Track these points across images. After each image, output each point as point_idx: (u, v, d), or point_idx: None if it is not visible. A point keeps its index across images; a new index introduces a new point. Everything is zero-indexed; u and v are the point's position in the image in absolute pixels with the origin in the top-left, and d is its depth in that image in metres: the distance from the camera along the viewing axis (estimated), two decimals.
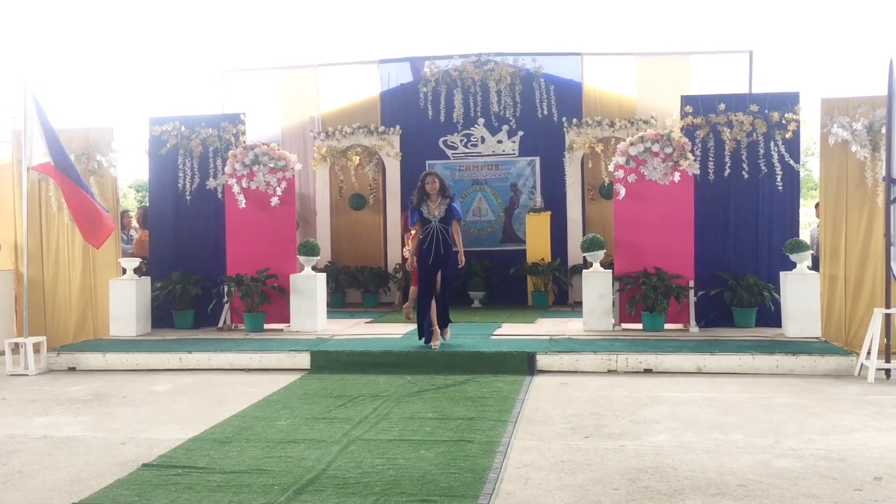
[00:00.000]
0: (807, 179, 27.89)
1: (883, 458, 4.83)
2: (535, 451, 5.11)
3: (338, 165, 13.28)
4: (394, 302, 12.68)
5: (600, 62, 13.07)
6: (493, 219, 13.02)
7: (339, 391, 6.96)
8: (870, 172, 8.59)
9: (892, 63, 7.39)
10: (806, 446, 5.12)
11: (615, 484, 4.44)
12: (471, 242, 12.49)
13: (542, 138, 12.77)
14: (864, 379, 7.18)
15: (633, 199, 9.32)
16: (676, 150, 9.20)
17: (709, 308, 9.33)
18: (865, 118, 8.58)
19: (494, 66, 12.79)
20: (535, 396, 6.71)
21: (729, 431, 5.51)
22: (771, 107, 9.29)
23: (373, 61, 13.46)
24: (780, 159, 9.24)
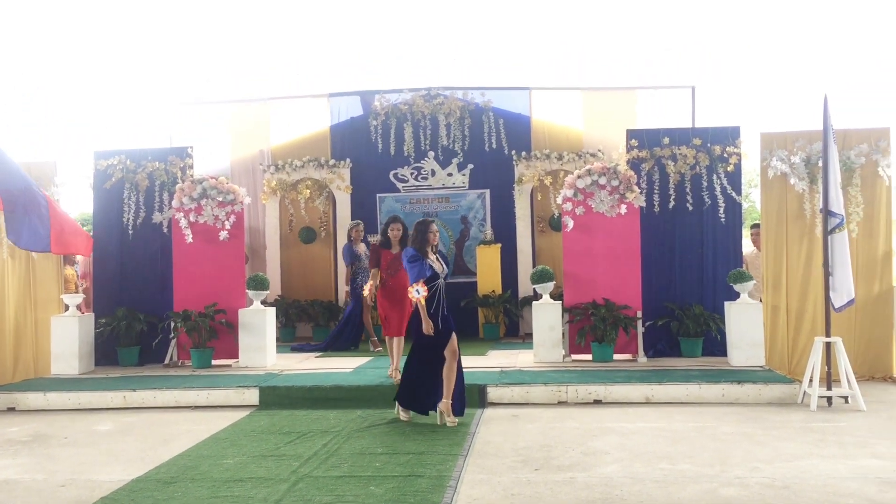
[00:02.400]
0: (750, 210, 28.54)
1: (826, 486, 4.92)
2: (486, 484, 5.09)
3: (288, 199, 13.21)
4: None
5: (548, 96, 13.27)
6: (444, 251, 13.04)
7: (289, 427, 6.86)
8: (808, 204, 8.85)
9: (827, 99, 7.66)
10: (751, 474, 5.19)
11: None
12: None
13: (492, 171, 12.88)
14: (806, 406, 7.33)
15: (582, 232, 9.44)
16: (623, 182, 9.36)
17: (656, 338, 9.45)
18: (803, 152, 8.86)
19: (444, 99, 12.91)
20: (485, 429, 6.70)
21: (677, 461, 5.56)
22: (713, 140, 9.53)
23: (323, 95, 13.48)
24: (722, 192, 9.46)
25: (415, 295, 6.90)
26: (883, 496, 4.68)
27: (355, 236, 11.20)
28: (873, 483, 4.95)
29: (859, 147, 8.80)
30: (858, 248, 8.72)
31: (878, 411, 7.14)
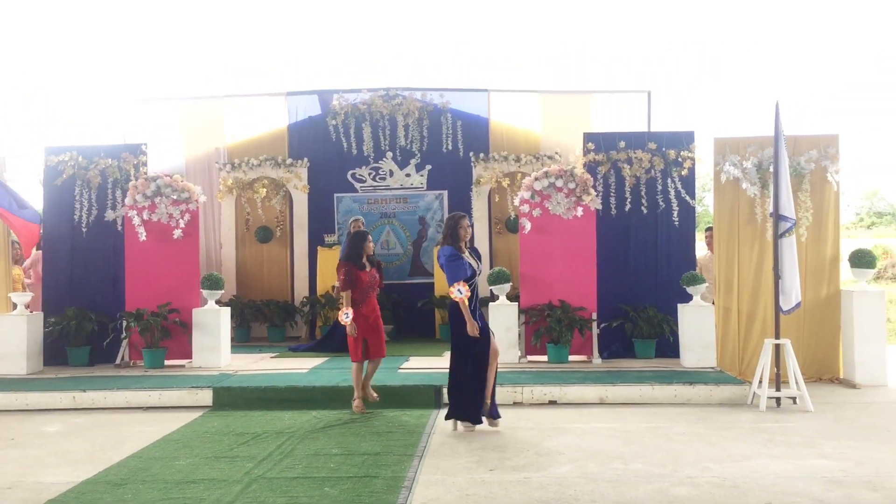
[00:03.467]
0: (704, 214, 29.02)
1: (774, 485, 5.02)
2: (441, 485, 5.10)
3: (244, 198, 13.07)
4: (300, 336, 12.51)
5: (506, 99, 13.32)
6: (402, 252, 13.04)
7: (243, 428, 6.79)
8: (759, 209, 9.02)
9: (778, 106, 7.82)
10: (702, 474, 5.28)
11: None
12: None
13: (450, 172, 12.90)
14: (756, 407, 7.47)
15: (538, 233, 9.51)
16: (579, 185, 9.45)
17: (611, 340, 9.55)
18: (755, 157, 9.02)
19: (403, 100, 12.89)
20: (441, 430, 6.71)
21: (629, 461, 5.63)
22: (668, 145, 9.67)
23: (280, 94, 13.36)
24: (676, 195, 9.60)
25: (457, 295, 6.52)
26: (828, 495, 4.79)
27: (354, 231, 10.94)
28: (819, 482, 5.06)
29: (809, 153, 9.00)
30: (807, 252, 8.91)
31: (825, 412, 7.31)
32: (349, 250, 7.63)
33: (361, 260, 7.54)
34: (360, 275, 7.48)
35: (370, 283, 7.56)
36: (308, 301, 12.40)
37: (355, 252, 7.57)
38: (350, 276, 7.43)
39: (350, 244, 7.70)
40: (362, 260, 7.55)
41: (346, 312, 7.36)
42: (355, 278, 7.44)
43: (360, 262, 7.53)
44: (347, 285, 7.42)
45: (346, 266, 7.48)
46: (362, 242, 7.60)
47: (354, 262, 7.52)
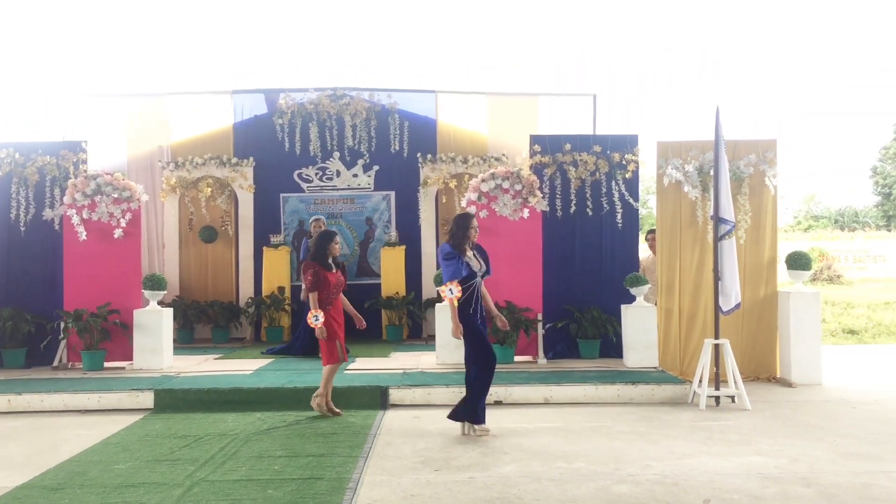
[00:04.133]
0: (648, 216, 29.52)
1: (712, 482, 5.13)
2: (386, 486, 5.10)
3: (188, 197, 12.86)
4: (245, 337, 12.36)
5: (454, 100, 13.35)
6: (349, 253, 12.97)
7: (185, 431, 6.69)
8: (700, 211, 9.20)
9: (718, 111, 8.00)
10: (643, 472, 5.37)
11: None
12: None
13: (398, 173, 12.88)
14: (696, 406, 7.62)
15: (485, 235, 9.47)
16: (526, 187, 9.52)
17: (556, 340, 9.65)
18: (696, 161, 9.21)
19: (350, 100, 12.83)
20: (387, 431, 6.70)
21: (573, 460, 5.70)
22: (613, 148, 9.81)
23: (226, 92, 13.18)
24: (620, 198, 9.75)
25: (447, 295, 6.37)
26: (764, 491, 4.92)
27: (315, 232, 10.52)
28: (756, 479, 5.19)
29: (748, 157, 9.21)
30: (746, 254, 9.12)
31: (763, 410, 7.49)
32: (315, 250, 7.40)
33: (327, 260, 7.34)
34: (327, 276, 7.28)
35: (338, 284, 7.39)
36: (253, 302, 12.27)
37: (321, 252, 7.36)
38: (318, 278, 7.21)
39: (316, 244, 7.47)
40: (328, 260, 7.35)
41: (316, 315, 7.13)
42: (323, 279, 7.24)
43: (327, 262, 7.33)
44: (315, 287, 7.20)
45: (314, 267, 7.25)
46: (328, 243, 7.38)
47: (321, 262, 7.30)
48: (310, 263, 7.32)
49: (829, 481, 5.12)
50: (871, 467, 5.43)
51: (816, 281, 24.25)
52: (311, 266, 7.28)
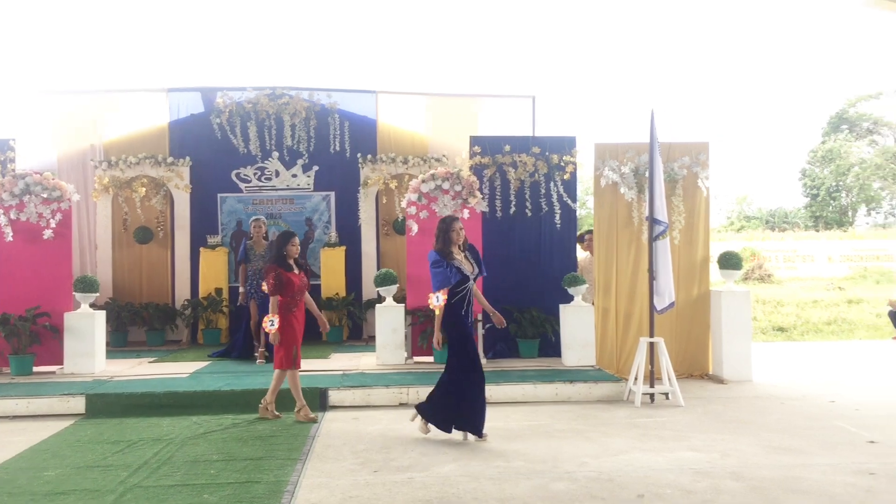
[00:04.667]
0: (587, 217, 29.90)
1: (646, 477, 5.24)
2: (324, 488, 5.07)
3: (122, 197, 12.57)
4: (181, 340, 12.14)
5: (394, 100, 13.34)
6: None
7: (117, 436, 6.54)
8: (636, 212, 9.38)
9: (653, 114, 8.16)
10: (580, 469, 5.45)
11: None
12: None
13: (338, 173, 12.82)
14: (632, 403, 7.76)
15: (425, 235, 9.55)
16: (465, 188, 9.57)
17: (496, 340, 9.72)
18: (632, 162, 9.38)
19: (289, 99, 12.72)
20: (326, 433, 6.67)
21: (511, 459, 5.75)
22: (551, 149, 9.94)
23: (161, 90, 12.93)
24: (559, 199, 9.88)
25: (433, 303, 6.24)
26: (696, 485, 5.04)
27: (255, 234, 10.17)
28: (688, 473, 5.31)
29: (682, 160, 9.43)
30: (680, 255, 9.33)
31: (695, 406, 7.67)
32: (274, 252, 7.21)
33: (287, 262, 7.14)
34: (290, 278, 7.07)
35: (301, 286, 7.20)
36: (190, 304, 12.06)
37: (280, 254, 7.14)
38: (279, 280, 7.01)
39: (275, 246, 7.27)
40: (288, 261, 7.16)
41: (272, 319, 6.96)
42: (285, 282, 7.04)
43: (287, 263, 7.13)
44: (276, 290, 7.01)
45: (275, 270, 7.03)
46: (286, 244, 7.15)
47: (281, 264, 7.09)
48: (271, 266, 7.11)
49: (758, 475, 5.26)
50: (798, 461, 5.61)
51: (748, 280, 24.90)
52: (272, 269, 7.07)
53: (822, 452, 5.86)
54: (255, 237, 10.16)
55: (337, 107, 12.83)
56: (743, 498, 4.77)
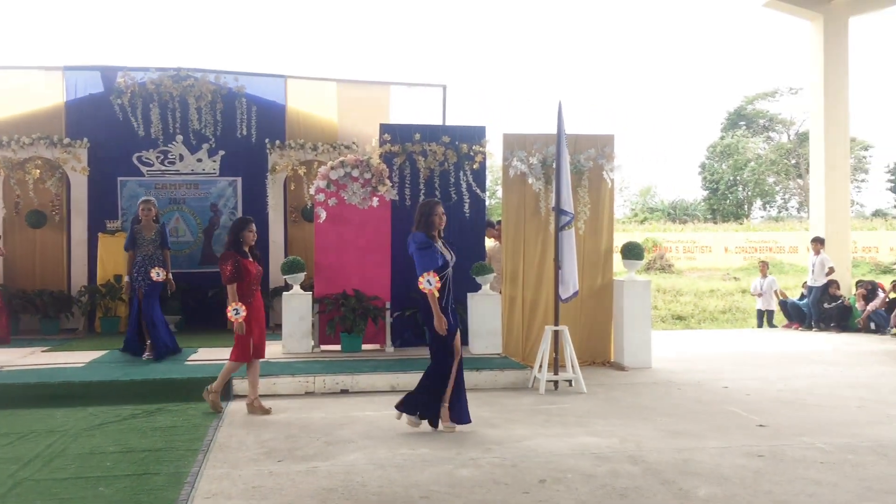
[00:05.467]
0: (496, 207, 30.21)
1: (549, 463, 5.35)
2: (226, 479, 4.98)
3: (13, 179, 11.97)
4: (77, 328, 11.68)
5: (304, 86, 13.15)
6: (192, 240, 12.53)
7: (7, 428, 6.25)
8: (543, 203, 9.53)
9: (561, 105, 8.29)
10: (484, 456, 5.52)
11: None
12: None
13: (245, 158, 12.55)
14: (536, 390, 7.91)
15: (334, 223, 9.50)
16: (375, 175, 9.53)
17: (404, 328, 9.73)
18: (540, 153, 9.51)
19: (195, 81, 12.36)
20: (229, 423, 6.55)
21: (417, 446, 5.77)
22: (461, 139, 9.98)
23: (57, 68, 12.35)
24: (468, 188, 9.94)
25: (426, 286, 6.07)
26: (596, 470, 5.17)
27: (144, 217, 9.17)
28: (589, 458, 5.45)
29: (588, 151, 9.62)
30: (585, 245, 9.53)
31: (597, 393, 7.87)
32: (231, 238, 6.91)
33: (243, 248, 6.86)
34: (246, 266, 6.81)
35: (257, 275, 6.96)
36: (86, 291, 11.60)
37: (237, 240, 6.85)
38: (237, 268, 6.74)
39: (231, 232, 6.96)
40: (244, 248, 6.87)
41: (236, 308, 6.67)
42: (243, 270, 6.77)
43: (244, 250, 6.86)
44: (235, 278, 6.73)
45: (232, 257, 6.76)
46: (242, 230, 6.88)
47: (238, 251, 6.82)
48: (228, 253, 6.83)
49: (655, 458, 5.44)
50: (692, 444, 5.83)
51: (650, 270, 25.67)
52: (229, 256, 6.79)
53: (715, 436, 6.10)
54: (145, 220, 9.15)
55: (244, 91, 12.56)
56: (640, 481, 4.92)
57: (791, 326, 14.47)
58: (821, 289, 13.99)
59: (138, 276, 8.97)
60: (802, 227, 31.78)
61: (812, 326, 14.00)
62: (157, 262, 9.00)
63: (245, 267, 6.81)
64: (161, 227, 9.21)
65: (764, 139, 51.01)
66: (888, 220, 40.13)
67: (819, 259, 14.10)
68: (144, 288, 8.94)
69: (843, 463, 5.32)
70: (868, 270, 24.36)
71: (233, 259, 6.78)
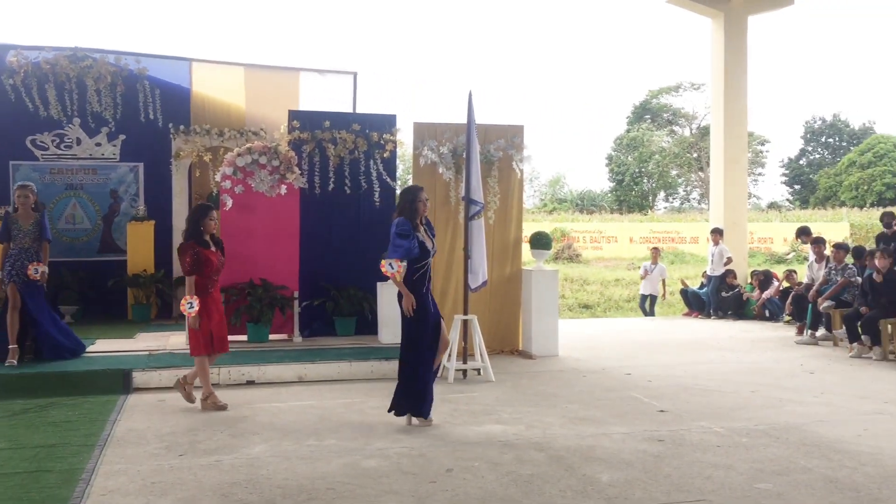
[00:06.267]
0: None
1: (456, 451, 5.37)
2: (124, 474, 4.81)
3: None
4: None
5: (210, 70, 12.82)
6: (90, 227, 12.06)
7: None
8: (453, 192, 9.54)
9: (471, 95, 8.31)
10: (392, 446, 5.50)
11: (207, 502, 4.35)
12: (63, 252, 11.44)
13: (147, 144, 12.13)
14: (445, 379, 7.93)
15: (241, 211, 9.29)
16: (283, 163, 9.36)
17: (313, 318, 9.62)
18: (451, 143, 9.51)
19: (93, 62, 11.85)
20: (128, 416, 6.34)
21: (324, 437, 5.71)
22: (372, 127, 9.90)
23: None
24: (378, 177, 9.87)
25: (387, 270, 5.83)
26: (502, 457, 5.22)
27: (21, 204, 8.07)
28: (496, 446, 5.50)
29: (498, 142, 9.67)
30: (494, 234, 9.59)
31: (505, 381, 7.96)
32: (190, 227, 6.56)
33: (204, 238, 6.55)
34: (208, 256, 6.50)
35: (219, 266, 6.66)
36: None
37: (196, 229, 6.52)
38: (197, 259, 6.43)
39: (189, 220, 6.61)
40: (205, 238, 6.56)
41: (191, 301, 6.35)
42: (203, 260, 6.47)
43: (204, 240, 6.54)
44: (194, 270, 6.43)
45: (192, 248, 6.43)
46: (202, 218, 6.53)
47: (198, 241, 6.50)
48: (188, 244, 6.49)
49: (560, 445, 5.54)
50: (595, 430, 5.95)
51: (558, 260, 26.13)
52: (189, 247, 6.47)
53: (617, 422, 6.26)
54: (22, 209, 8.05)
55: (147, 73, 12.13)
56: (545, 467, 5.00)
57: (691, 315, 14.96)
58: (719, 278, 14.50)
59: (12, 271, 7.87)
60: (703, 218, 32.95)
61: (711, 314, 14.51)
62: (34, 257, 7.94)
63: (206, 258, 6.50)
64: (41, 216, 8.17)
65: (668, 133, 52.59)
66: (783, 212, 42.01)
67: (718, 249, 14.61)
68: (19, 284, 7.86)
69: (737, 446, 5.53)
70: (763, 260, 25.43)
71: (191, 250, 6.46)
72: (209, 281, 6.58)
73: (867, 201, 43.86)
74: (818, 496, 4.46)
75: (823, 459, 5.18)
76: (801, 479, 4.78)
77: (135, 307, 11.55)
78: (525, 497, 4.44)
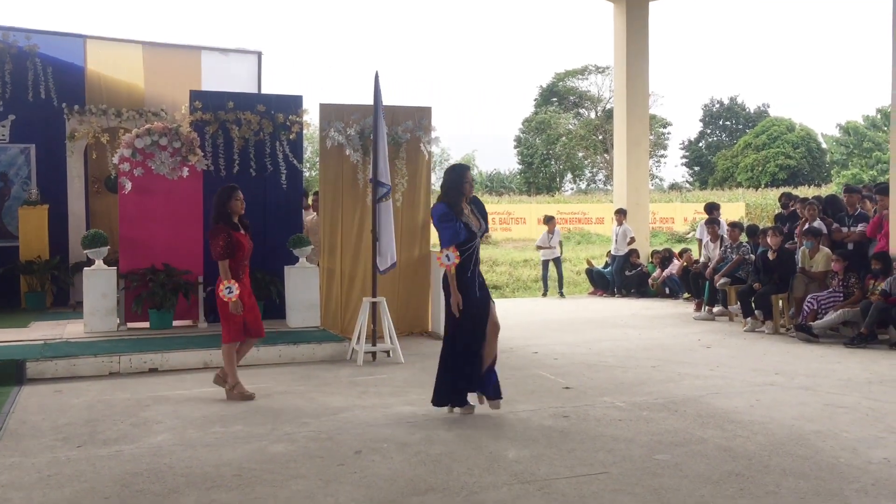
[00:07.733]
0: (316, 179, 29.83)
1: (364, 434, 5.37)
2: (18, 468, 4.63)
3: None
4: None
5: (106, 48, 12.34)
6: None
7: None
8: (361, 174, 9.48)
9: (378, 76, 8.26)
10: (299, 430, 5.46)
11: (107, 492, 4.23)
12: None
13: (39, 124, 11.58)
14: (354, 362, 7.93)
15: (140, 194, 9.01)
16: (185, 144, 9.11)
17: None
18: (358, 125, 9.43)
19: None
20: (22, 408, 6.09)
21: (230, 424, 5.63)
22: (277, 108, 9.73)
23: None
24: (284, 159, 9.72)
25: (444, 262, 5.61)
26: (411, 437, 5.26)
27: None
28: (405, 427, 5.53)
29: (406, 123, 9.64)
30: (402, 217, 9.59)
31: (414, 363, 7.99)
32: (217, 210, 6.28)
33: (233, 220, 6.29)
34: (239, 239, 6.26)
35: (249, 249, 6.41)
36: None
37: (224, 212, 6.25)
38: (229, 242, 6.16)
39: (216, 204, 6.32)
40: (234, 220, 6.30)
41: (229, 286, 6.04)
42: (236, 244, 6.21)
43: (234, 223, 6.29)
44: (227, 253, 6.16)
45: (224, 231, 6.16)
46: (229, 199, 6.22)
47: (228, 223, 6.25)
48: (219, 227, 6.22)
49: (468, 423, 5.62)
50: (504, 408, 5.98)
51: None
52: (221, 230, 6.19)
53: (525, 399, 6.38)
54: None
55: (38, 50, 11.56)
56: (454, 446, 5.05)
57: (597, 293, 15.33)
58: (623, 257, 14.90)
59: None
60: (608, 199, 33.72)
61: (615, 293, 14.91)
62: None
63: (238, 241, 6.26)
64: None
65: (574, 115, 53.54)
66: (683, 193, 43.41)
67: (622, 229, 15.00)
68: None
69: (638, 419, 5.71)
70: (665, 240, 26.24)
71: (224, 233, 6.19)
72: (240, 265, 6.34)
73: (762, 182, 45.76)
74: (713, 465, 4.66)
75: (718, 430, 5.41)
76: (697, 448, 4.98)
77: (28, 295, 11.07)
78: (432, 476, 4.48)
